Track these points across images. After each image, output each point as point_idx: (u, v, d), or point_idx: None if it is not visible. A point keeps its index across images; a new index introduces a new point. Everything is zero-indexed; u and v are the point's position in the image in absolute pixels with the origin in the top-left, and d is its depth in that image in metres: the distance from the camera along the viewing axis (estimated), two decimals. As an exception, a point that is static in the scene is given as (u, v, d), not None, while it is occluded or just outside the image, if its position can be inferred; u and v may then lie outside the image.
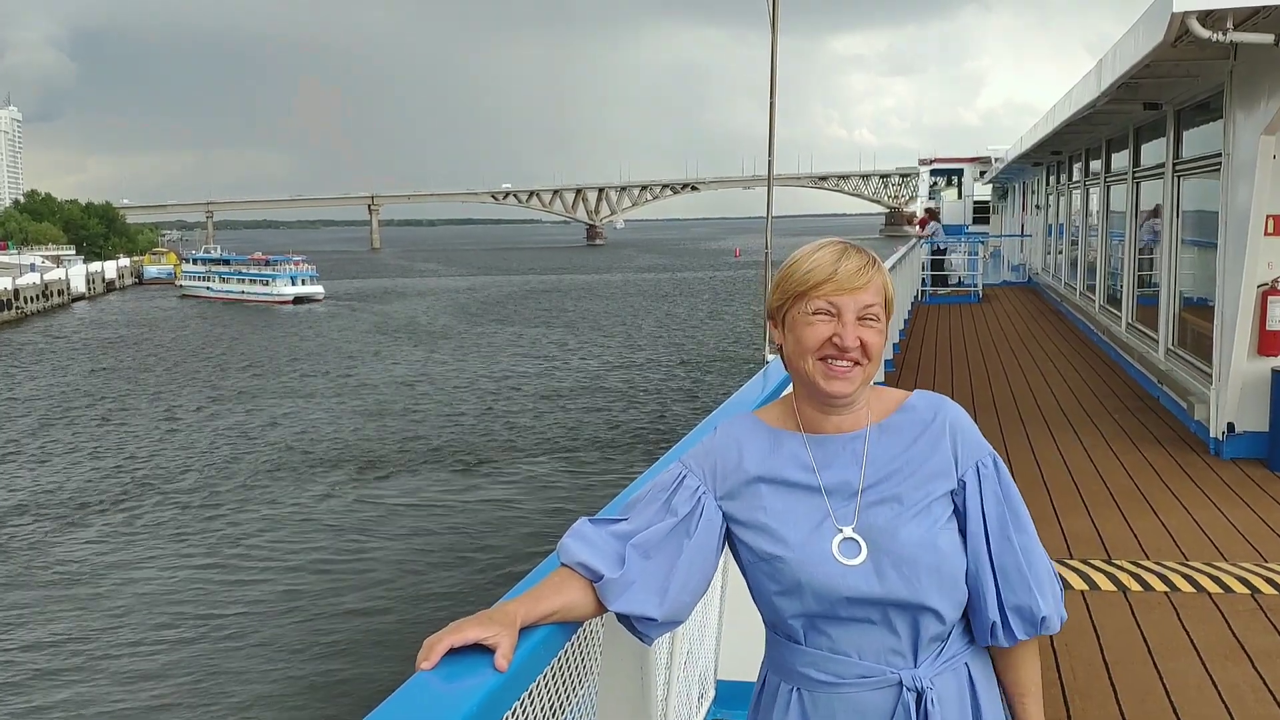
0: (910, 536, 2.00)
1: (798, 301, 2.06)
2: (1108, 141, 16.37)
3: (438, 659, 1.72)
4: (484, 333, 60.75)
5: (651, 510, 2.09)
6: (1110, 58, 10.75)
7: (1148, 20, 8.54)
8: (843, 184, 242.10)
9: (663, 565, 2.03)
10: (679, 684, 3.10)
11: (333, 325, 67.56)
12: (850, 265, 2.04)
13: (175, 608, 18.98)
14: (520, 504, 24.87)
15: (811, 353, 2.04)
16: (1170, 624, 5.47)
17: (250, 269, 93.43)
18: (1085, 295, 18.52)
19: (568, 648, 2.10)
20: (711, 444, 2.15)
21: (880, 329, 2.06)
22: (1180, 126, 11.64)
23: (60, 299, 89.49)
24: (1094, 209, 18.02)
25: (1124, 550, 6.70)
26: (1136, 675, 4.88)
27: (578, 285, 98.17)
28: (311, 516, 24.40)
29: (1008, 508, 2.09)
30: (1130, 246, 14.35)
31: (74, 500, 26.47)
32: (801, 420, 2.12)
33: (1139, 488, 8.16)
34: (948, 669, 2.05)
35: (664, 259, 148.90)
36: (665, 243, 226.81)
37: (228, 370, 48.22)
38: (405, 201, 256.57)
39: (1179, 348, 11.37)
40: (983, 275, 25.93)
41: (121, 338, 63.24)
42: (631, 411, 35.72)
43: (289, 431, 34.23)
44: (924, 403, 2.14)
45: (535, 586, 1.97)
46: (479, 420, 35.09)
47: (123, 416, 37.88)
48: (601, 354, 50.07)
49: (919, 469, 2.06)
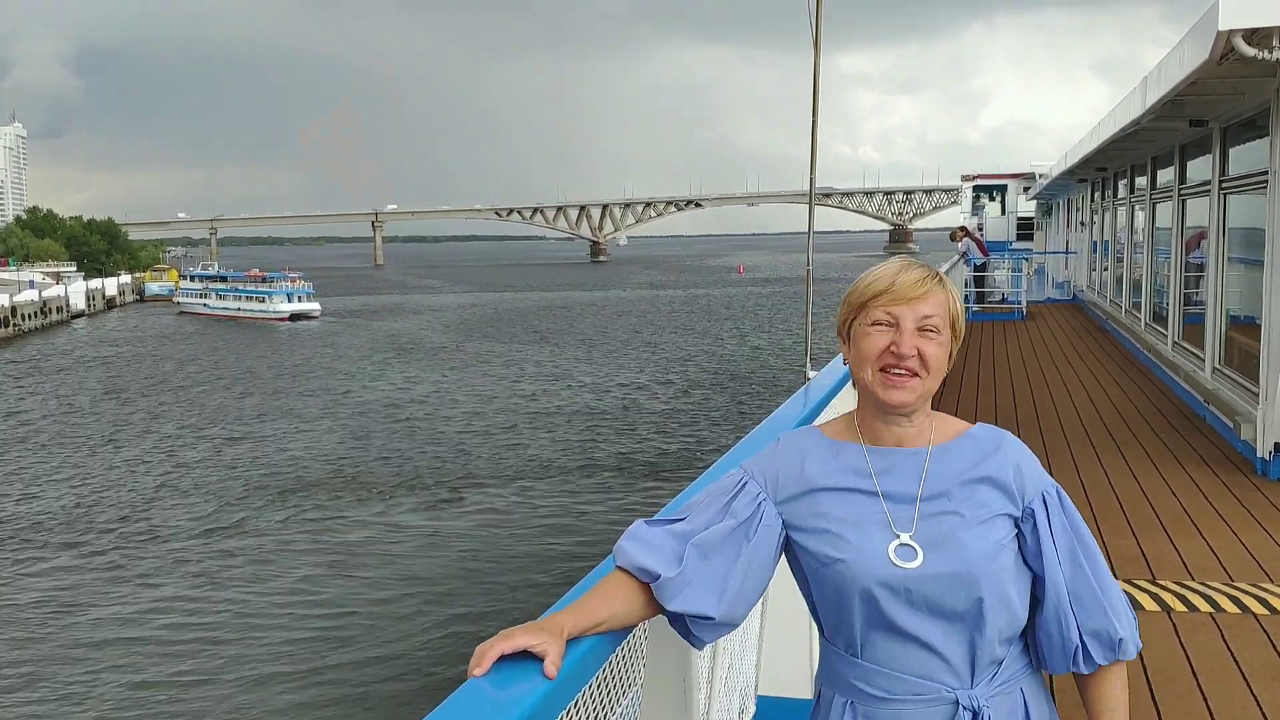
0: (969, 546, 2.03)
1: (859, 313, 2.12)
2: (1153, 158, 16.24)
3: (489, 665, 1.78)
4: (483, 350, 59.79)
5: (711, 512, 2.12)
6: (1155, 75, 10.70)
7: (1193, 38, 8.51)
8: (847, 201, 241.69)
9: (721, 566, 2.06)
10: (720, 698, 3.14)
11: (327, 343, 66.91)
12: (910, 277, 2.09)
13: (204, 632, 18.60)
14: (557, 520, 24.62)
15: (870, 362, 2.09)
16: (1215, 645, 5.43)
17: (247, 286, 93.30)
18: (1131, 313, 18.35)
19: (612, 659, 2.14)
20: (774, 452, 2.19)
21: (940, 341, 2.09)
22: (1226, 143, 11.54)
23: (59, 316, 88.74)
24: (1139, 226, 17.86)
25: (1169, 571, 6.65)
26: (1180, 696, 4.85)
27: (582, 302, 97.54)
28: (327, 538, 23.97)
29: (1075, 536, 2.11)
30: (1176, 264, 14.22)
31: (44, 526, 25.58)
32: (863, 433, 2.16)
33: (1184, 508, 8.08)
34: (1002, 691, 2.06)
35: (668, 276, 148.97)
36: (669, 259, 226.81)
37: (214, 390, 47.38)
38: (409, 218, 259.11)
39: (1226, 366, 11.25)
40: (1027, 292, 25.72)
41: (115, 356, 62.20)
42: (662, 433, 35.04)
43: (270, 453, 33.17)
44: (987, 434, 2.18)
45: (583, 597, 2.02)
46: (469, 441, 34.01)
47: (105, 438, 36.71)
48: (622, 373, 48.98)
49: (979, 489, 2.08)
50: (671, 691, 2.54)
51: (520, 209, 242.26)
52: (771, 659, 4.03)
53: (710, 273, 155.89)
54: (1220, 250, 11.63)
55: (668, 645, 2.14)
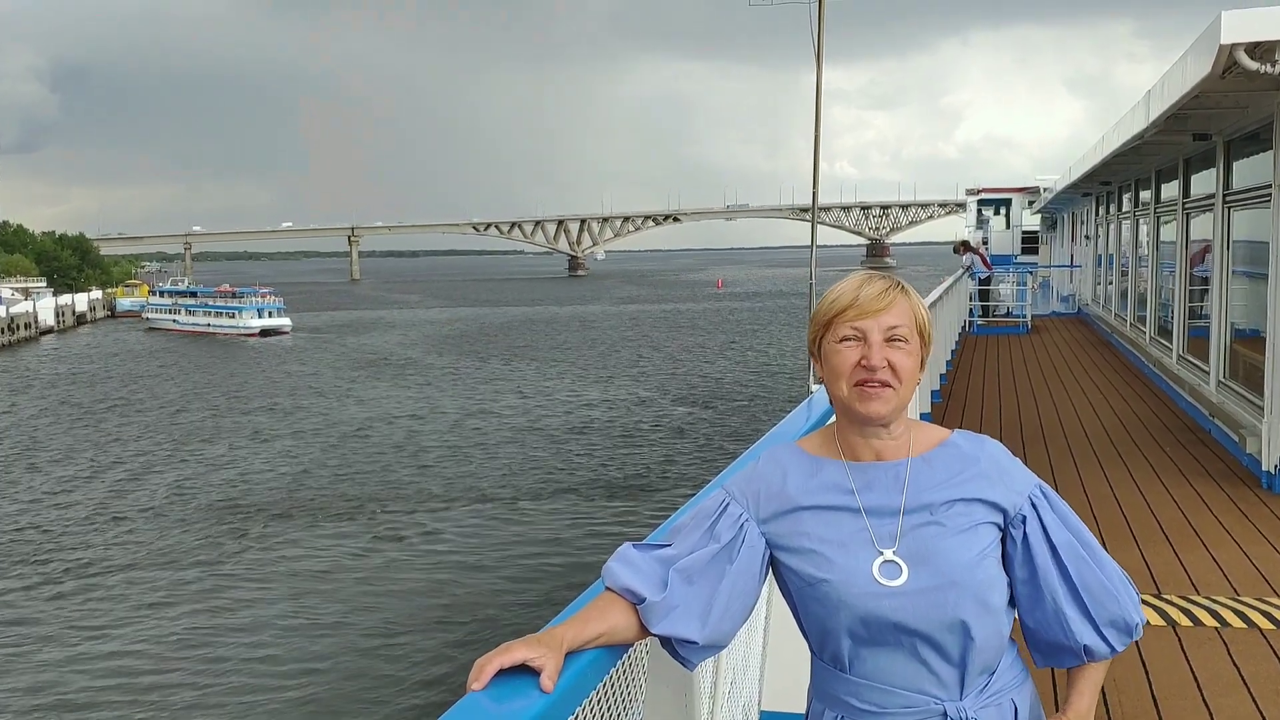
0: (953, 558, 2.03)
1: (826, 330, 2.14)
2: (1157, 172, 16.26)
3: (488, 680, 1.77)
4: (457, 366, 58.33)
5: (695, 536, 2.12)
6: (1159, 89, 10.71)
7: (1196, 52, 8.52)
8: (825, 215, 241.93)
9: (705, 590, 2.06)
10: (722, 713, 3.13)
11: (297, 359, 65.37)
12: (872, 290, 2.10)
13: (179, 658, 17.89)
14: (540, 541, 23.87)
15: (844, 378, 2.10)
16: (1220, 660, 5.41)
17: (216, 301, 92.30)
18: (1136, 326, 18.34)
19: (613, 674, 2.13)
20: (755, 471, 2.19)
21: (909, 350, 2.10)
22: (1230, 157, 11.55)
23: (27, 333, 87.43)
24: (1144, 240, 17.86)
25: (1173, 585, 6.63)
26: (1186, 711, 4.83)
27: (561, 316, 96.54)
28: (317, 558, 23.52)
29: (1071, 531, 2.12)
30: (1181, 277, 14.22)
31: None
32: (843, 448, 2.16)
33: (1189, 521, 8.06)
34: (992, 703, 2.07)
35: (647, 290, 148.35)
36: (647, 274, 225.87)
37: (176, 408, 46.11)
38: (386, 233, 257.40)
39: (1230, 380, 11.23)
40: (1031, 306, 25.73)
41: (79, 374, 60.71)
42: (645, 449, 34.05)
43: (231, 474, 32.07)
44: (965, 440, 2.18)
45: (581, 610, 2.01)
46: (444, 460, 33.27)
47: (59, 458, 35.52)
48: (606, 389, 47.72)
49: (961, 499, 2.08)
50: (673, 706, 2.53)
51: (498, 223, 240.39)
52: (774, 673, 4.02)
53: (689, 287, 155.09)
54: (1225, 264, 11.63)
55: (669, 660, 2.14)
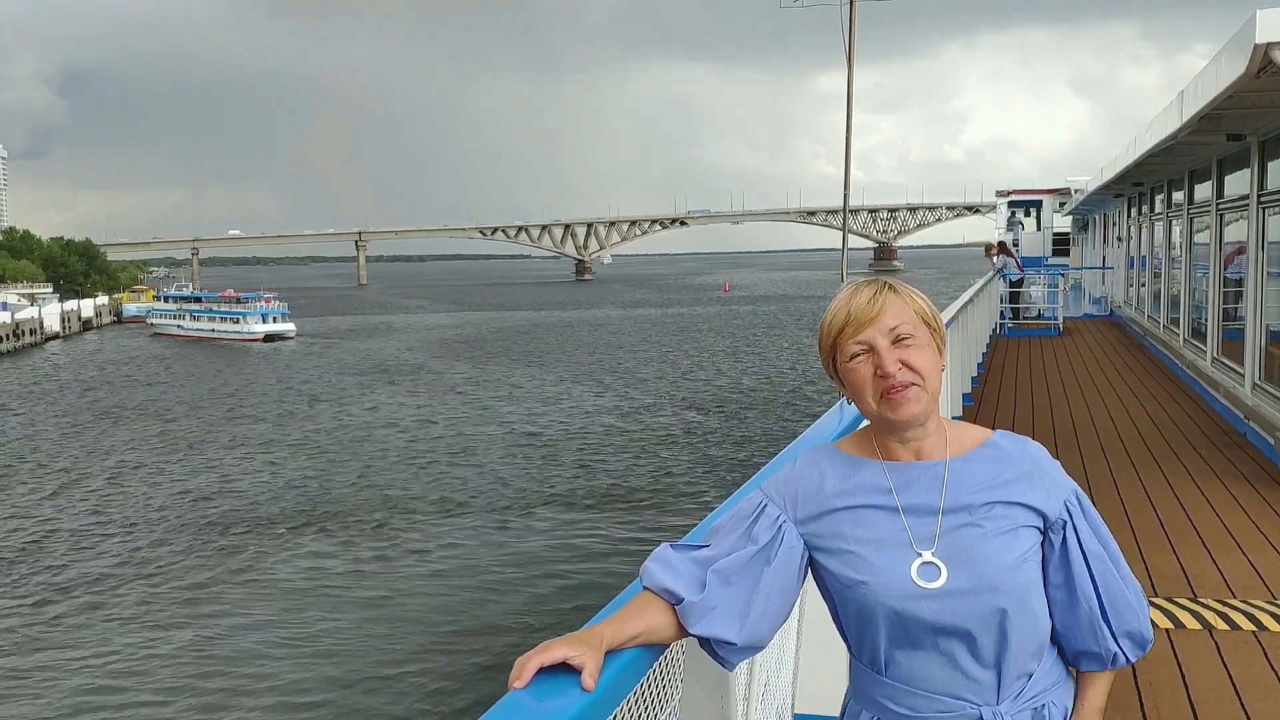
0: (993, 559, 2.02)
1: (836, 353, 2.14)
2: (1190, 173, 16.11)
3: (529, 678, 1.79)
4: (463, 371, 57.88)
5: (733, 538, 2.12)
6: (1192, 89, 10.63)
7: (1230, 51, 8.46)
8: (831, 219, 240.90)
9: (743, 592, 2.06)
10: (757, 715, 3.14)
11: (300, 365, 65.00)
12: (861, 299, 2.11)
13: (212, 665, 17.91)
14: (560, 551, 23.65)
15: (867, 393, 2.09)
16: (1258, 663, 5.36)
17: (221, 307, 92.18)
18: (1169, 329, 18.18)
19: (650, 674, 2.14)
20: (792, 473, 2.19)
21: (919, 344, 2.08)
22: (1265, 157, 11.44)
23: (32, 339, 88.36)
24: (1177, 241, 17.71)
25: (1210, 588, 6.57)
26: (1223, 715, 4.79)
27: (568, 321, 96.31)
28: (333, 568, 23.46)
29: (1101, 541, 2.12)
30: (1215, 279, 14.09)
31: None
32: (880, 450, 2.16)
33: (1225, 524, 7.99)
34: (1029, 707, 2.06)
35: (654, 294, 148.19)
36: (654, 278, 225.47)
37: (178, 414, 45.81)
38: (393, 237, 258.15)
39: (1266, 382, 11.12)
40: (1063, 308, 25.57)
41: (83, 380, 60.86)
42: (661, 456, 33.45)
43: (231, 482, 31.68)
44: (1008, 441, 2.17)
45: (620, 610, 2.02)
46: (444, 466, 33.08)
47: (57, 464, 35.38)
48: (618, 395, 47.21)
49: (1002, 501, 2.07)
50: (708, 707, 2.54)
51: (505, 227, 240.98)
52: (808, 676, 4.01)
53: (697, 291, 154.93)
54: (1259, 265, 11.52)
55: (705, 660, 2.15)
